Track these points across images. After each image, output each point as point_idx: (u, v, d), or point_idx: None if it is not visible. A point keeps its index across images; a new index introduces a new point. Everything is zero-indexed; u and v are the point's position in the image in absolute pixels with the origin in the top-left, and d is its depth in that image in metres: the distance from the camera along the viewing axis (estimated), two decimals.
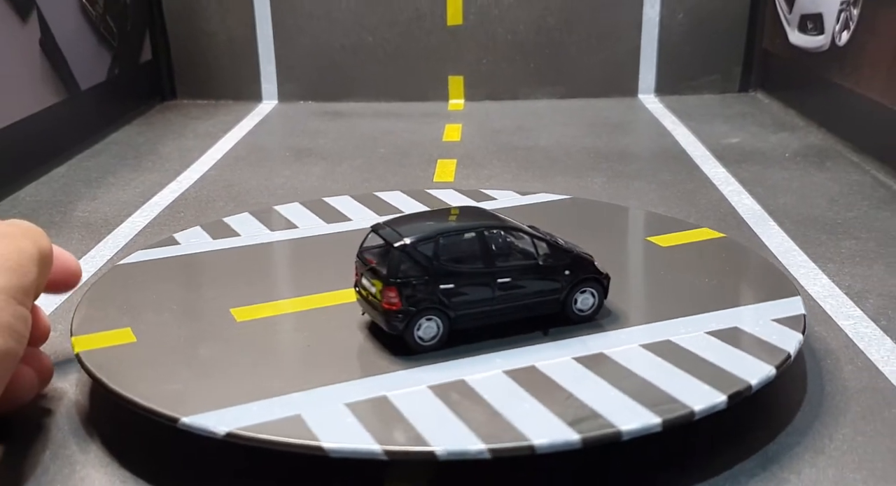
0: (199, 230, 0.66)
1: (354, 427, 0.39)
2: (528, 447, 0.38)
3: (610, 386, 0.43)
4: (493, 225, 0.49)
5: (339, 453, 0.38)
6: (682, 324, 0.50)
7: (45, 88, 0.97)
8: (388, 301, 0.46)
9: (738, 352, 0.46)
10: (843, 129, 1.00)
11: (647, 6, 1.27)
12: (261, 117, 1.21)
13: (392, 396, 0.42)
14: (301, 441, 0.38)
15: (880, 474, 0.40)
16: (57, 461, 0.42)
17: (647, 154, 0.98)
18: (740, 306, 0.52)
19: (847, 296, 0.59)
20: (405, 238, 0.47)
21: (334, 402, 0.42)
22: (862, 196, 0.81)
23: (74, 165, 0.96)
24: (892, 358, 0.51)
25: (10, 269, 0.39)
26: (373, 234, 0.49)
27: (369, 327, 0.50)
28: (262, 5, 1.28)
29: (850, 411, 0.45)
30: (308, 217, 0.70)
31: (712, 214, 0.76)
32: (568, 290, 0.49)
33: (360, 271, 0.49)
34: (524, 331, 0.49)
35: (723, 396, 0.41)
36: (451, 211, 0.52)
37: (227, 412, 0.40)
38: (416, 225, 0.49)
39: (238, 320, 0.51)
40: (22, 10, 0.92)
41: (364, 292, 0.49)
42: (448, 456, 0.38)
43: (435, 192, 0.75)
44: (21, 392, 0.44)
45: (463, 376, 0.44)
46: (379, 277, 0.47)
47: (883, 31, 0.90)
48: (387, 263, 0.46)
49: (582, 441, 0.38)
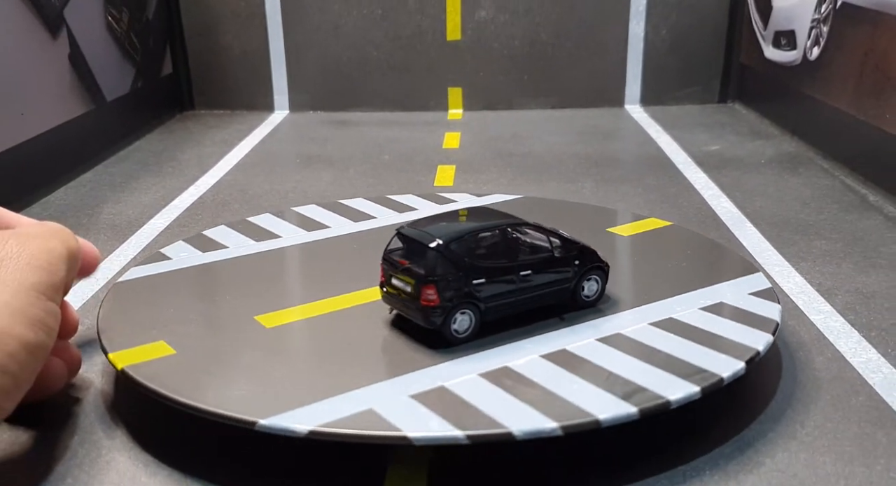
0: (183, 244, 0.62)
1: (429, 416, 0.39)
2: (595, 422, 0.39)
3: (640, 361, 0.44)
4: (513, 222, 0.50)
5: (424, 441, 0.37)
6: (676, 303, 0.52)
7: (73, 99, 0.97)
8: (427, 298, 0.46)
9: (735, 324, 0.48)
10: (815, 137, 1.00)
11: (633, 23, 1.27)
12: (273, 126, 1.21)
13: (449, 385, 0.42)
14: (386, 433, 0.38)
15: (848, 457, 0.40)
16: (84, 446, 0.42)
17: (633, 160, 0.98)
18: (717, 283, 0.54)
19: (818, 292, 0.60)
20: (438, 239, 0.47)
21: (398, 395, 0.41)
22: (832, 200, 0.81)
23: (100, 171, 0.97)
24: (859, 350, 0.51)
25: (41, 267, 0.39)
26: (398, 236, 0.49)
27: (395, 324, 0.49)
28: (274, 22, 1.28)
29: (821, 399, 0.45)
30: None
31: (693, 216, 0.77)
32: (577, 278, 0.50)
33: (390, 272, 0.48)
34: (540, 318, 0.49)
35: (741, 363, 0.43)
36: (460, 212, 0.52)
37: (299, 413, 0.39)
38: (443, 226, 0.49)
39: (267, 326, 0.49)
40: (53, 27, 0.92)
41: (395, 291, 0.48)
42: (524, 436, 0.38)
43: (395, 197, 0.75)
44: (51, 382, 0.44)
45: (505, 363, 0.44)
46: (414, 276, 0.46)
47: (850, 47, 0.90)
48: (423, 262, 0.46)
49: (639, 412, 0.39)
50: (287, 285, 0.58)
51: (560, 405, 0.40)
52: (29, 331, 0.36)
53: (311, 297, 0.54)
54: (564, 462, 0.40)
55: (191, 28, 1.29)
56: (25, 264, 0.38)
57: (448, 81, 1.30)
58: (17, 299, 0.37)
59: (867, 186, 0.84)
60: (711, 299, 0.52)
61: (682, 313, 0.50)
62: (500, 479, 0.40)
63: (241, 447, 0.42)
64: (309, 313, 0.52)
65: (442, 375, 0.43)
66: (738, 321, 0.48)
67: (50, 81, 0.92)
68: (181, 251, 0.61)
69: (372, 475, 0.40)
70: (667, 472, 0.39)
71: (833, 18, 0.95)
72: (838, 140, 0.93)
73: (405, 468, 0.40)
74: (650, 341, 0.47)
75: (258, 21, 1.28)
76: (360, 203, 0.73)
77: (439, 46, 1.29)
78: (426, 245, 0.46)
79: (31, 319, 0.37)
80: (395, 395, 0.41)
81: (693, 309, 0.50)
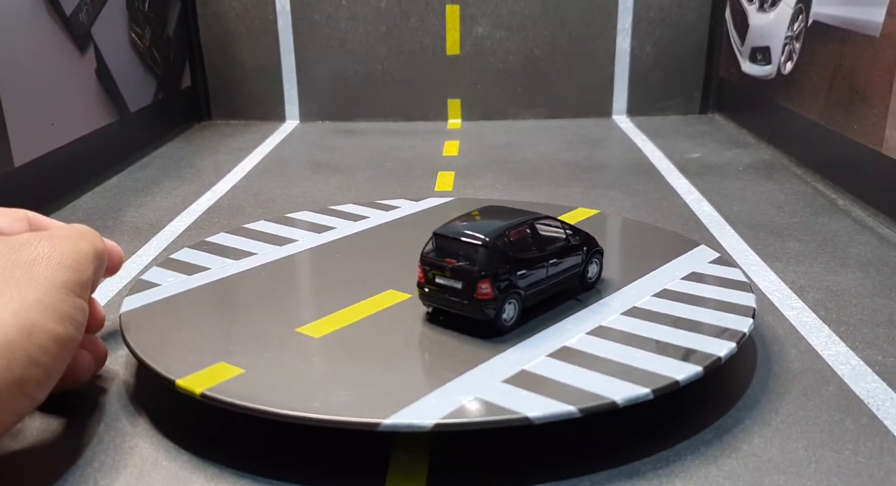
0: (166, 270, 0.57)
1: (531, 397, 0.39)
2: (675, 383, 0.40)
3: (671, 328, 0.46)
4: (537, 217, 0.51)
5: (543, 419, 0.37)
6: (657, 276, 0.54)
7: (99, 110, 0.97)
8: (482, 292, 0.46)
9: (721, 289, 0.51)
10: (788, 146, 1.00)
11: (620, 39, 1.27)
12: (284, 135, 1.21)
13: (529, 368, 0.42)
14: (509, 417, 0.37)
15: (819, 442, 0.40)
16: (110, 432, 0.42)
17: (620, 167, 0.98)
18: (679, 257, 0.57)
19: (791, 290, 0.60)
20: (485, 236, 0.46)
21: (491, 381, 0.41)
22: (804, 204, 0.81)
23: (124, 177, 0.97)
24: (829, 343, 0.51)
25: (71, 267, 0.39)
26: (436, 238, 0.48)
27: (432, 321, 0.48)
28: (285, 39, 1.28)
29: (794, 389, 0.46)
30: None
31: (676, 219, 0.77)
32: (585, 263, 0.52)
33: (433, 273, 0.47)
34: (559, 303, 0.50)
35: (749, 319, 0.47)
36: (473, 213, 0.52)
37: (413, 409, 0.38)
38: (482, 225, 0.48)
39: (315, 336, 0.47)
40: (81, 44, 0.92)
41: (440, 289, 0.47)
42: (625, 403, 0.39)
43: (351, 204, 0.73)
44: (79, 373, 0.44)
45: (562, 343, 0.45)
46: (466, 272, 0.46)
47: (821, 62, 0.90)
48: (475, 259, 0.46)
49: (703, 371, 0.41)
50: (309, 295, 0.55)
51: (638, 372, 0.41)
52: (59, 326, 0.37)
53: (339, 304, 0.51)
54: (553, 449, 0.41)
55: (208, 44, 1.29)
56: (56, 263, 0.38)
57: (448, 93, 1.30)
58: (48, 297, 0.37)
59: (836, 192, 0.84)
60: (684, 270, 0.54)
61: (672, 284, 0.53)
62: (492, 463, 0.40)
63: (251, 434, 0.42)
64: (346, 319, 0.49)
65: (516, 359, 0.43)
66: (723, 286, 0.51)
67: (78, 94, 0.92)
68: (168, 277, 0.56)
69: (375, 462, 0.40)
70: (652, 457, 0.39)
71: (805, 36, 0.95)
72: (810, 148, 0.93)
73: (406, 455, 0.40)
74: (664, 309, 0.49)
75: (271, 38, 1.28)
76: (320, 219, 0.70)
77: (439, 61, 1.29)
78: (476, 244, 0.46)
79: (61, 314, 0.37)
80: (489, 382, 0.40)
81: (676, 279, 0.53)
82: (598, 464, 0.39)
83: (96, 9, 0.97)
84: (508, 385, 0.40)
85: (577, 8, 1.25)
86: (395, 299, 0.52)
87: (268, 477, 0.38)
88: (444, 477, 0.38)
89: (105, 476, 0.39)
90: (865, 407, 0.44)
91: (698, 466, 0.39)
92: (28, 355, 0.35)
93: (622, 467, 0.39)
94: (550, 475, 0.38)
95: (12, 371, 0.34)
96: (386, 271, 0.57)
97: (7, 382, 0.34)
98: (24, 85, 0.79)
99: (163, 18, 1.18)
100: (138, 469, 0.39)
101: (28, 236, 0.40)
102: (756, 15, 1.11)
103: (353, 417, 0.37)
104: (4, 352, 0.34)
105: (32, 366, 0.35)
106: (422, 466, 0.39)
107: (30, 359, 0.35)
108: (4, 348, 0.34)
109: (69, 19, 0.89)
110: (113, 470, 0.39)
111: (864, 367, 0.48)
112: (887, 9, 0.75)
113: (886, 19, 0.75)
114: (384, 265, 0.58)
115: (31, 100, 0.81)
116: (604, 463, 0.39)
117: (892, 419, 0.42)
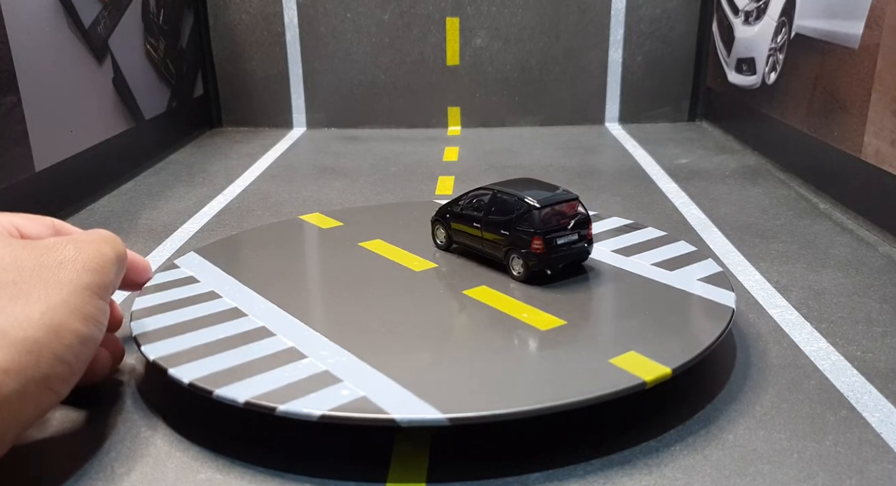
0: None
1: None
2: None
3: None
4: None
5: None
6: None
7: (116, 117, 0.97)
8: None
9: (704, 262, 0.56)
10: (772, 152, 1.00)
11: (612, 51, 1.27)
12: (292, 141, 1.21)
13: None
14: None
15: (801, 433, 0.41)
16: (126, 424, 0.43)
17: (612, 172, 0.98)
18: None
19: (775, 289, 0.60)
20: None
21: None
22: (787, 207, 0.81)
23: (139, 182, 0.97)
24: (811, 340, 0.51)
25: (93, 269, 0.39)
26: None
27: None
28: (293, 49, 1.28)
29: (778, 382, 0.46)
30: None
31: (666, 221, 0.77)
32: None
33: (552, 237, 0.53)
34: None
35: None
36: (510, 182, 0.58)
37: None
38: (529, 192, 0.54)
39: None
40: (99, 55, 0.93)
41: (564, 246, 0.53)
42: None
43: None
44: (99, 369, 0.45)
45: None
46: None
47: (803, 73, 0.90)
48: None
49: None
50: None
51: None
52: (83, 326, 0.37)
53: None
54: (545, 439, 0.41)
55: (220, 55, 1.29)
56: (81, 266, 0.38)
57: (448, 101, 1.30)
58: (73, 298, 0.37)
59: (818, 195, 0.85)
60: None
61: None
62: (488, 453, 0.40)
63: (258, 426, 0.42)
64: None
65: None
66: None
67: (96, 102, 0.92)
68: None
69: (378, 452, 0.40)
70: (641, 445, 0.40)
71: (788, 48, 0.95)
72: (793, 154, 0.94)
73: (409, 444, 0.40)
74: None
75: (279, 49, 1.28)
76: None
77: (440, 70, 1.29)
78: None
79: (85, 315, 0.37)
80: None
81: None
82: (589, 455, 0.39)
83: (113, 21, 0.97)
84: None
85: (571, 21, 1.26)
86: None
87: (275, 469, 0.39)
88: (444, 466, 0.39)
89: (122, 465, 0.39)
90: (845, 400, 0.44)
91: (686, 455, 0.39)
92: (54, 354, 0.35)
93: (612, 455, 0.39)
94: (545, 464, 0.38)
95: (40, 368, 0.34)
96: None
97: (35, 378, 0.34)
98: (45, 94, 0.80)
99: (176, 30, 1.19)
100: (153, 459, 0.39)
101: (55, 240, 0.40)
102: (742, 28, 1.12)
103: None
104: (33, 350, 0.34)
105: (58, 363, 0.35)
106: (423, 455, 0.39)
107: (56, 357, 0.35)
108: (33, 346, 0.34)
109: (87, 32, 0.90)
110: (129, 459, 0.39)
111: (843, 362, 0.48)
112: (865, 22, 0.76)
113: (865, 32, 0.76)
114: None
115: (51, 108, 0.81)
116: (597, 452, 0.39)
117: (871, 411, 0.43)
